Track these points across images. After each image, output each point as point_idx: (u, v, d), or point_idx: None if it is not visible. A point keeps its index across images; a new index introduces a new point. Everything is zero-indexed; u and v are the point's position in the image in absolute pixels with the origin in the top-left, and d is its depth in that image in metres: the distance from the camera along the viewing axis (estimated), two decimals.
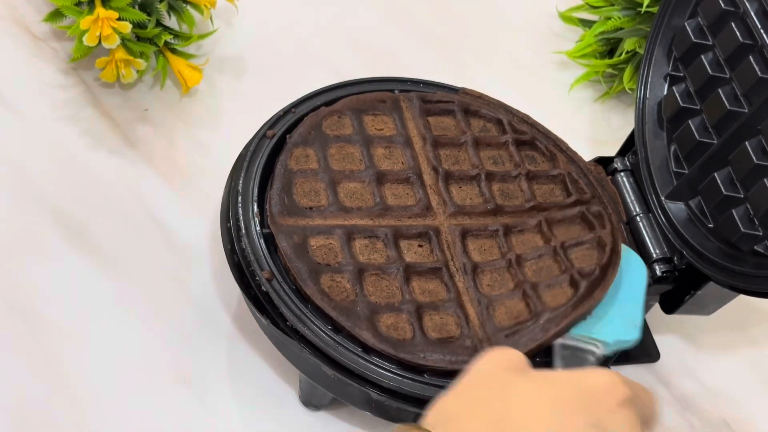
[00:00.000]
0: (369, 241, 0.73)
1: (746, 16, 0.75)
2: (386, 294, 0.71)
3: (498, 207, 0.78)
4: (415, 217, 0.75)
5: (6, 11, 0.93)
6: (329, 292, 0.69)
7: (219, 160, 0.81)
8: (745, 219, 0.73)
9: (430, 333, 0.70)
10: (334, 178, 0.76)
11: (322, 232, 0.72)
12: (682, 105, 0.79)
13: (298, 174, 0.75)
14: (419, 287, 0.72)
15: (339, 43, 1.01)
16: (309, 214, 0.73)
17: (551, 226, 0.77)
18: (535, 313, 0.71)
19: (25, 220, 0.81)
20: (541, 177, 0.81)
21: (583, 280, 0.72)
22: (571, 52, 1.03)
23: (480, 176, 0.79)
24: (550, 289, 0.72)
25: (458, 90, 0.86)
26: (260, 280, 0.70)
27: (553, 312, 0.70)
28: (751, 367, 0.88)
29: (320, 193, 0.75)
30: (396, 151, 0.79)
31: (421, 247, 0.74)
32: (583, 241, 0.76)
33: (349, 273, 0.71)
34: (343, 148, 0.78)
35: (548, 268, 0.74)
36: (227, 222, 0.73)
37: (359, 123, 0.80)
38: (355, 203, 0.75)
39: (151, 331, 0.77)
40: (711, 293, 0.76)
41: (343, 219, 0.74)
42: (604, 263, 0.74)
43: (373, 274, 0.71)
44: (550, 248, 0.75)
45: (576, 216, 0.78)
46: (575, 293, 0.72)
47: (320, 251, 0.71)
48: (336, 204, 0.74)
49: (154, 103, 0.90)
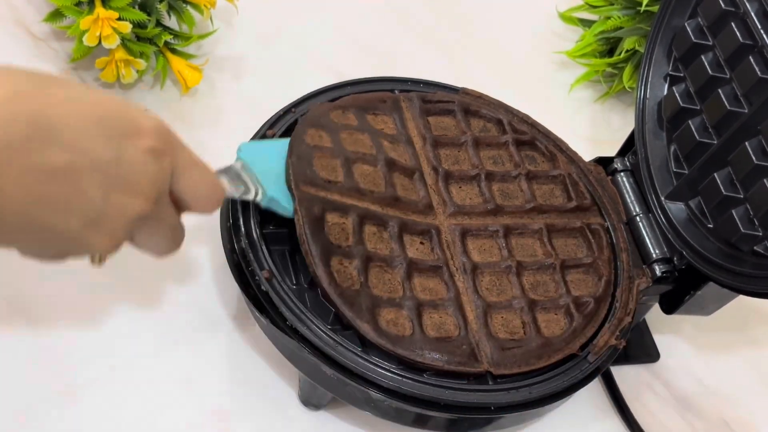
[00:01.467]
0: (377, 229, 0.73)
1: (746, 17, 0.75)
2: (388, 288, 0.71)
3: (498, 207, 0.78)
4: (418, 214, 0.76)
5: (6, 11, 0.93)
6: (337, 276, 0.69)
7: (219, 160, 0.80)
8: (744, 219, 0.73)
9: (429, 331, 0.70)
10: (349, 157, 0.75)
11: (339, 209, 0.72)
12: (682, 105, 0.79)
13: (315, 149, 0.75)
14: (420, 284, 0.72)
15: (339, 43, 1.01)
16: (329, 187, 0.73)
17: (551, 235, 0.78)
18: (530, 337, 0.72)
19: None
20: (541, 177, 0.81)
21: (578, 314, 0.74)
22: (571, 52, 1.03)
23: (480, 176, 0.79)
24: (546, 312, 0.74)
25: (458, 90, 0.86)
26: (260, 280, 0.70)
27: (546, 344, 0.72)
28: (751, 367, 0.88)
29: (337, 170, 0.74)
30: (399, 147, 0.79)
31: (422, 244, 0.74)
32: (581, 263, 0.77)
33: (357, 259, 0.70)
34: (352, 134, 0.78)
35: (545, 285, 0.75)
36: (227, 222, 0.73)
37: (363, 119, 0.80)
38: (369, 186, 0.74)
39: (150, 331, 0.77)
40: (711, 293, 0.76)
41: (358, 200, 0.73)
42: (599, 295, 0.75)
43: (378, 266, 0.71)
44: (550, 265, 0.76)
45: (576, 230, 0.79)
46: (569, 326, 0.73)
47: (335, 229, 0.71)
48: (352, 182, 0.74)
49: (154, 103, 0.90)
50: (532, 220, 0.78)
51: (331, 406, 0.75)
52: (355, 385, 0.67)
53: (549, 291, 0.75)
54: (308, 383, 0.73)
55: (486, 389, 0.69)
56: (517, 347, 0.71)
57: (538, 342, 0.72)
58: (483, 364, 0.69)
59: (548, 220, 0.79)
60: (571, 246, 0.79)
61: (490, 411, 0.68)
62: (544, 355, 0.71)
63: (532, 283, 0.75)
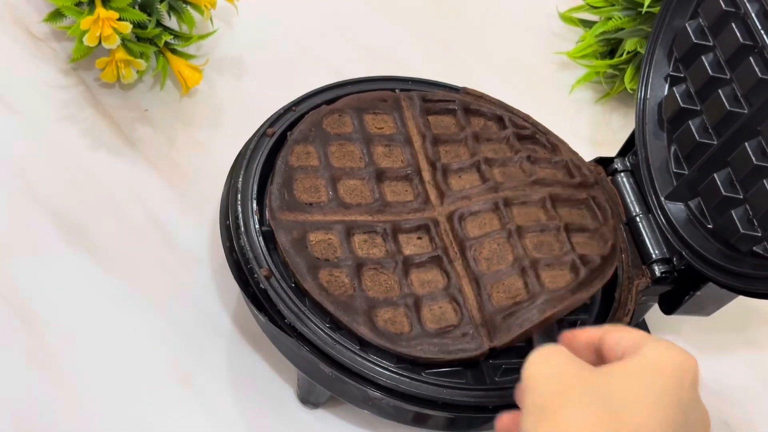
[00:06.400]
0: (368, 236, 0.73)
1: (747, 17, 0.75)
2: (384, 288, 0.71)
3: (498, 184, 0.77)
4: (414, 212, 0.75)
5: (6, 11, 0.93)
6: (327, 286, 0.69)
7: (219, 160, 0.81)
8: (744, 220, 0.73)
9: (429, 325, 0.69)
10: (335, 174, 0.75)
11: (321, 228, 0.72)
12: (683, 106, 0.79)
13: (298, 170, 0.75)
14: (418, 279, 0.72)
15: (339, 43, 1.01)
16: (308, 209, 0.73)
17: (555, 204, 0.76)
18: (533, 294, 0.70)
19: (25, 219, 0.81)
20: (543, 161, 0.80)
21: (584, 267, 0.72)
22: (572, 53, 1.03)
23: (479, 162, 0.78)
24: (549, 269, 0.72)
25: (459, 90, 0.86)
26: (258, 278, 0.70)
27: (551, 294, 0.70)
28: (750, 367, 0.88)
29: (320, 190, 0.75)
30: (395, 149, 0.79)
31: (420, 239, 0.74)
32: (586, 228, 0.76)
33: (347, 268, 0.70)
34: (343, 146, 0.78)
35: (549, 245, 0.74)
36: (226, 220, 0.73)
37: (360, 121, 0.79)
38: (355, 200, 0.75)
39: (150, 331, 0.77)
40: (710, 294, 0.76)
41: (342, 215, 0.74)
42: (606, 254, 0.74)
43: (372, 269, 0.71)
44: (554, 225, 0.75)
45: (581, 201, 0.78)
46: (575, 278, 0.71)
47: (319, 246, 0.71)
48: (336, 200, 0.74)
49: (154, 103, 0.90)
50: (534, 192, 0.77)
51: (330, 404, 0.75)
52: (353, 383, 0.67)
53: (553, 250, 0.73)
54: (307, 381, 0.73)
55: (484, 388, 0.68)
56: (520, 309, 0.70)
57: (542, 297, 0.70)
58: (485, 343, 0.69)
59: (552, 191, 0.77)
60: (576, 215, 0.77)
61: (488, 411, 0.68)
62: (548, 307, 0.69)
63: (536, 244, 0.74)
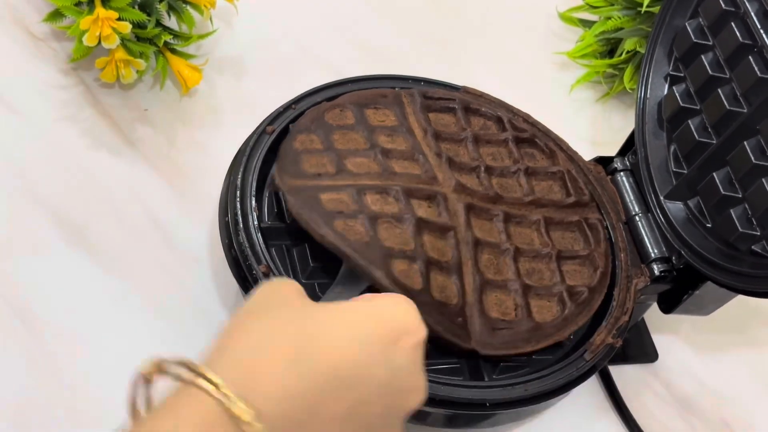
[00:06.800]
0: (380, 196, 0.71)
1: (746, 17, 0.75)
2: (400, 240, 0.69)
3: (497, 195, 0.77)
4: (423, 183, 0.74)
5: (6, 11, 0.93)
6: (343, 232, 0.67)
7: (218, 160, 0.80)
8: (743, 219, 0.73)
9: (434, 292, 0.69)
10: (341, 154, 0.74)
11: (332, 189, 0.71)
12: (682, 105, 0.79)
13: (303, 152, 0.74)
14: (430, 242, 0.71)
15: (339, 43, 1.01)
16: (317, 178, 0.72)
17: (549, 228, 0.77)
18: (520, 319, 0.71)
19: (25, 219, 0.81)
20: (540, 173, 0.81)
21: (571, 302, 0.73)
22: (572, 53, 1.03)
23: (479, 168, 0.79)
24: (539, 298, 0.73)
25: (459, 88, 0.86)
26: (257, 275, 0.69)
27: (537, 331, 0.71)
28: (750, 367, 0.88)
29: (327, 165, 0.73)
30: (398, 138, 0.78)
31: (430, 207, 0.73)
32: (577, 255, 0.76)
33: (363, 217, 0.69)
34: (346, 134, 0.77)
35: (540, 273, 0.75)
36: (225, 216, 0.73)
37: (361, 115, 0.79)
38: (363, 170, 0.73)
39: (150, 330, 0.77)
40: (709, 293, 0.76)
41: (353, 180, 0.72)
42: (593, 286, 0.75)
43: (386, 221, 0.69)
44: (546, 254, 0.75)
45: (573, 224, 0.78)
46: (561, 313, 0.73)
47: (332, 203, 0.69)
48: (344, 171, 0.73)
49: (154, 103, 0.90)
50: (531, 213, 0.78)
51: None
52: None
53: (544, 279, 0.74)
54: None
55: (481, 386, 0.69)
56: (507, 328, 0.70)
57: (528, 326, 0.71)
58: (471, 341, 0.69)
59: (546, 213, 0.78)
60: (568, 239, 0.78)
61: (485, 407, 0.68)
62: (533, 340, 0.71)
63: (528, 270, 0.74)
